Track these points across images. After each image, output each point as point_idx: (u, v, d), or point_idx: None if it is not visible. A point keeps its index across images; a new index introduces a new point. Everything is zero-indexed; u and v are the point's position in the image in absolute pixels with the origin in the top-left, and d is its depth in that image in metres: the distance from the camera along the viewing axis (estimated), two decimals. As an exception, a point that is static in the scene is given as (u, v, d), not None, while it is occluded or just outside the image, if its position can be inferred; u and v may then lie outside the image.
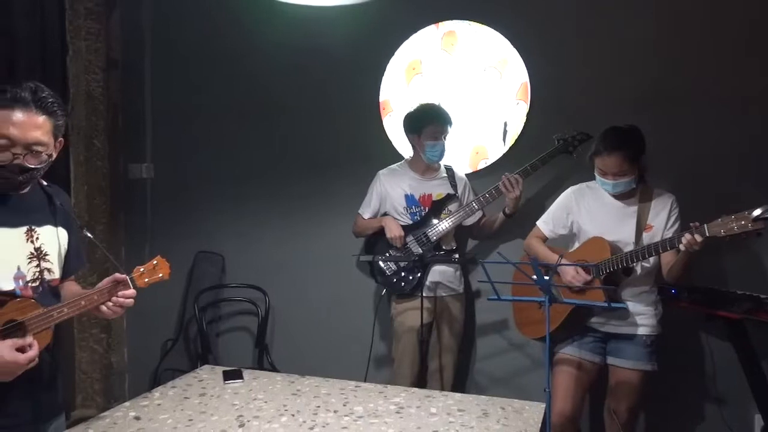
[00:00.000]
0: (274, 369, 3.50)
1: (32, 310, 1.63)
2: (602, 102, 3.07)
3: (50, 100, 1.64)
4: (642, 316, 2.57)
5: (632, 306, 2.56)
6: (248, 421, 1.81)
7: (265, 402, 1.96)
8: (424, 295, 2.96)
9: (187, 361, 3.81)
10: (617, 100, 3.04)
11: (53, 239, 1.76)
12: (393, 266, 3.11)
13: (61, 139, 1.72)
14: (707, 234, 2.23)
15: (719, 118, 2.91)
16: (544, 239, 2.77)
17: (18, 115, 1.58)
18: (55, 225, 1.78)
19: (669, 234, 2.48)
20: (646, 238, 2.51)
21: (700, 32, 2.95)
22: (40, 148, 1.62)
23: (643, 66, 3.02)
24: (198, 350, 3.73)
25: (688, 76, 2.96)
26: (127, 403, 1.95)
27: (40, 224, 1.73)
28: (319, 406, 1.92)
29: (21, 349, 1.56)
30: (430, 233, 3.06)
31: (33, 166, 1.62)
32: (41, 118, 1.62)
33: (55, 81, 3.49)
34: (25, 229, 1.69)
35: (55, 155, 1.72)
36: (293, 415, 1.85)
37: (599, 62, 3.09)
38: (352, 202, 3.26)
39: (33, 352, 1.58)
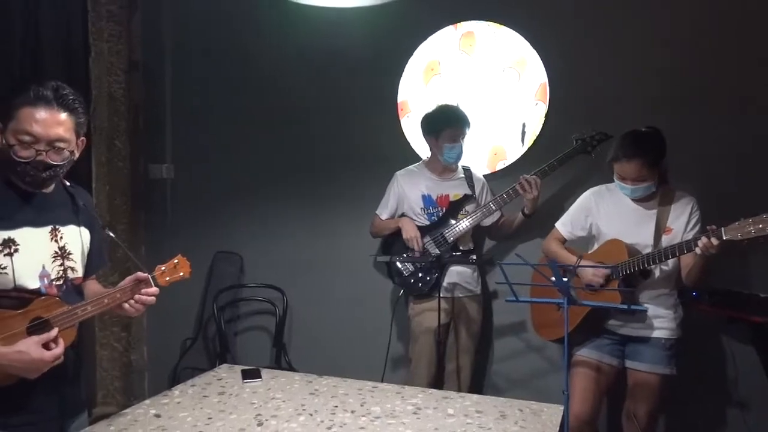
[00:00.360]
0: (291, 368, 3.52)
1: (57, 308, 1.66)
2: (621, 102, 3.05)
3: (71, 97, 1.68)
4: (661, 319, 2.55)
5: (651, 309, 2.53)
6: (266, 420, 1.82)
7: (284, 401, 1.97)
8: (441, 295, 2.95)
9: (205, 359, 3.84)
10: (637, 100, 3.01)
11: (76, 238, 1.80)
12: (410, 267, 3.11)
13: (83, 138, 1.76)
14: (724, 237, 2.21)
15: (739, 118, 2.88)
16: (563, 241, 2.76)
17: (41, 113, 1.62)
18: (78, 225, 1.81)
19: (689, 237, 2.46)
20: (665, 240, 2.49)
21: (720, 31, 2.92)
22: (62, 145, 1.66)
23: (663, 65, 2.99)
24: (216, 349, 3.77)
25: (708, 76, 2.93)
26: (147, 401, 1.97)
27: (64, 224, 1.77)
28: (336, 406, 1.93)
29: (47, 346, 1.59)
30: (447, 234, 3.06)
31: (56, 163, 1.66)
32: (63, 116, 1.65)
33: (78, 82, 3.54)
34: (49, 228, 1.72)
35: (77, 154, 1.76)
36: (311, 415, 1.86)
37: (618, 62, 3.07)
38: (369, 202, 3.27)
39: (59, 350, 1.61)
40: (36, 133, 1.61)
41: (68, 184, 1.83)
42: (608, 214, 2.62)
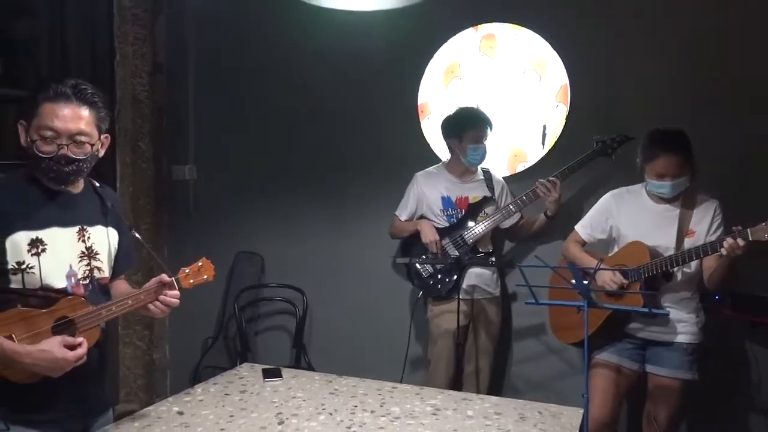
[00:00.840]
0: (311, 368, 3.54)
1: (82, 308, 1.68)
2: (643, 104, 3.02)
3: (90, 92, 1.70)
4: (683, 323, 2.52)
5: (673, 313, 2.51)
6: (287, 418, 1.84)
7: (304, 400, 1.99)
8: (460, 297, 2.96)
9: (226, 359, 3.88)
10: (658, 102, 2.99)
11: (104, 239, 1.82)
12: (429, 269, 3.12)
13: (106, 134, 1.77)
14: (750, 238, 2.19)
15: (760, 118, 2.84)
16: (583, 243, 2.74)
17: (61, 108, 1.65)
18: (106, 225, 1.83)
19: (711, 240, 2.44)
20: (688, 243, 2.47)
21: (741, 31, 2.89)
22: (84, 139, 1.68)
23: (684, 67, 2.96)
24: (237, 348, 3.80)
25: (732, 76, 2.90)
26: (170, 399, 2.00)
27: (91, 224, 1.79)
28: (356, 406, 1.95)
29: (70, 347, 1.60)
30: (466, 236, 3.06)
31: (78, 157, 1.68)
32: (83, 110, 1.68)
33: (103, 85, 3.60)
34: (77, 228, 1.75)
35: (102, 151, 1.77)
36: (331, 414, 1.88)
37: (639, 64, 3.04)
38: (389, 204, 3.28)
39: (81, 350, 1.62)
40: (57, 128, 1.64)
41: (98, 184, 1.85)
42: (629, 217, 2.61)
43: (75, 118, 1.66)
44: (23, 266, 1.63)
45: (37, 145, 1.64)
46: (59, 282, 1.69)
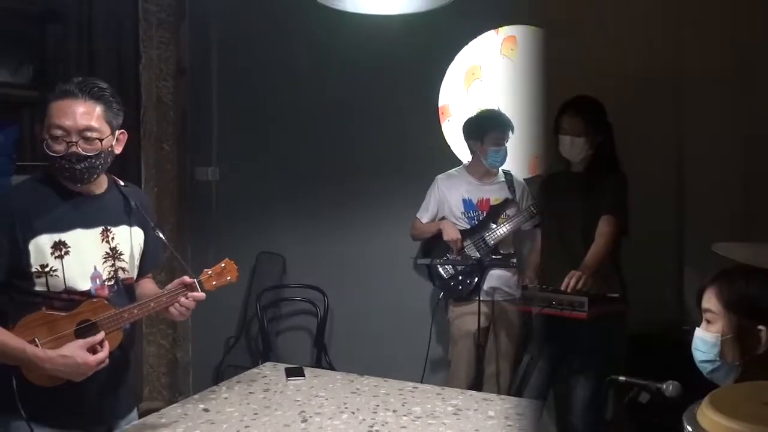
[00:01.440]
0: (331, 368, 3.56)
1: (105, 311, 1.67)
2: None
3: (97, 87, 1.68)
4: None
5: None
6: (310, 417, 1.86)
7: (326, 399, 2.01)
8: (481, 299, 2.96)
9: (248, 358, 3.92)
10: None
11: (127, 239, 1.81)
12: (451, 270, 3.13)
13: (122, 131, 1.75)
14: None
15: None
16: None
17: (68, 105, 1.64)
18: (130, 225, 1.82)
19: None
20: None
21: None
22: (93, 134, 1.65)
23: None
24: (259, 348, 3.84)
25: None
26: (196, 396, 2.04)
27: (115, 224, 1.78)
28: (378, 405, 1.96)
29: (92, 350, 1.60)
30: (488, 238, 3.06)
31: (88, 154, 1.65)
32: (90, 105, 1.66)
33: (128, 88, 3.67)
34: (100, 229, 1.74)
35: (118, 148, 1.75)
36: (353, 413, 1.90)
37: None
38: (410, 205, 3.29)
39: (103, 354, 1.62)
40: (65, 125, 1.62)
41: (122, 183, 1.85)
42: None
43: (82, 114, 1.64)
44: (47, 269, 1.63)
45: (48, 145, 1.63)
46: (83, 284, 1.69)
